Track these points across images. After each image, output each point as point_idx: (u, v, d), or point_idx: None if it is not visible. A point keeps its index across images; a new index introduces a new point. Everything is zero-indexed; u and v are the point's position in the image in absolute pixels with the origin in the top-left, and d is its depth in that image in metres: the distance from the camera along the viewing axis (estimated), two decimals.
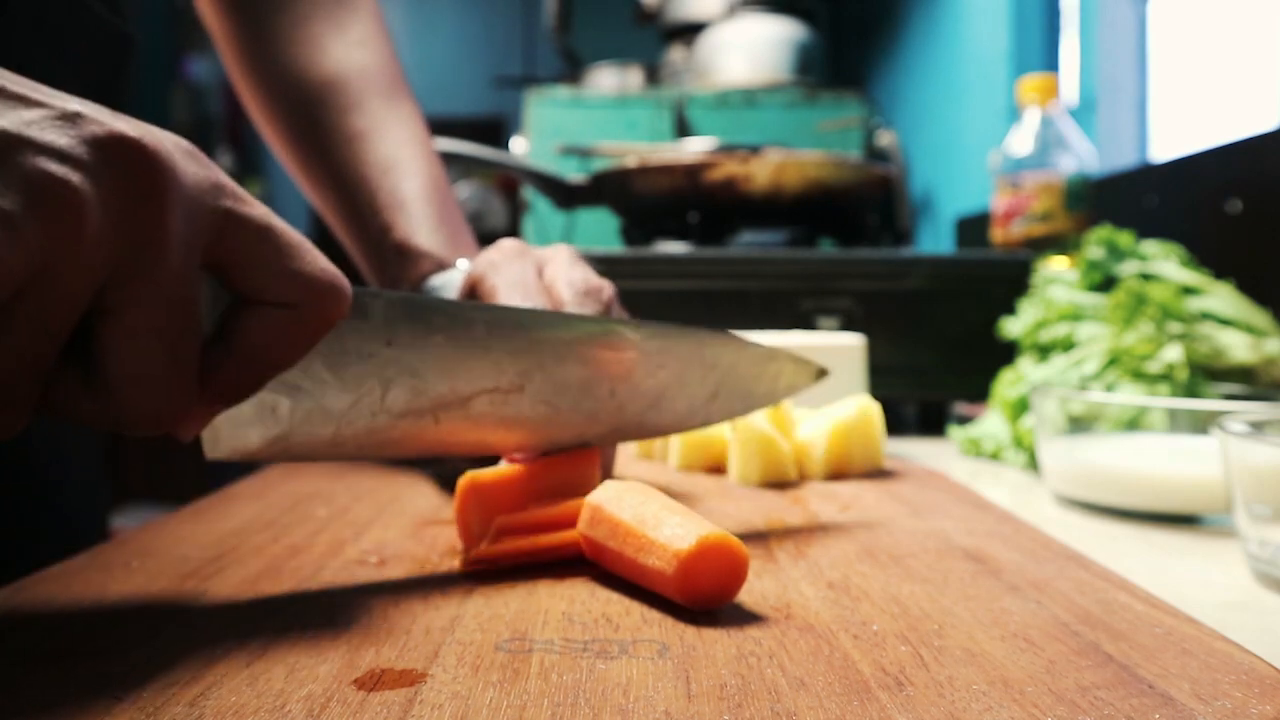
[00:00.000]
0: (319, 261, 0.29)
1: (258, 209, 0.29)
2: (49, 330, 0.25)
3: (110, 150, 0.25)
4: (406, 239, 0.54)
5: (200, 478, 2.01)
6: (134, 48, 0.51)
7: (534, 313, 0.39)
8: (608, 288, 0.44)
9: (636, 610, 0.31)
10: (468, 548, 0.36)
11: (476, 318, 0.37)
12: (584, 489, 0.38)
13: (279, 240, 0.29)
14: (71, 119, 0.25)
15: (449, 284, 0.52)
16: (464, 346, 0.36)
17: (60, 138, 0.24)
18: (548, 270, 0.45)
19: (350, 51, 0.60)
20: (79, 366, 0.26)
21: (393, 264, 0.55)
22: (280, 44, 0.60)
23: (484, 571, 0.36)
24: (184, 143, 0.28)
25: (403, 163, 0.57)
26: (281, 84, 0.60)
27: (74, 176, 0.24)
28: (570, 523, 0.36)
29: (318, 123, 0.58)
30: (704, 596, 0.31)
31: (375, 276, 0.57)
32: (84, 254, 0.24)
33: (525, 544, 0.36)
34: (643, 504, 0.33)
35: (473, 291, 0.45)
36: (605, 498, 0.34)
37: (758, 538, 0.41)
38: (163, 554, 0.38)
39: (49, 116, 0.25)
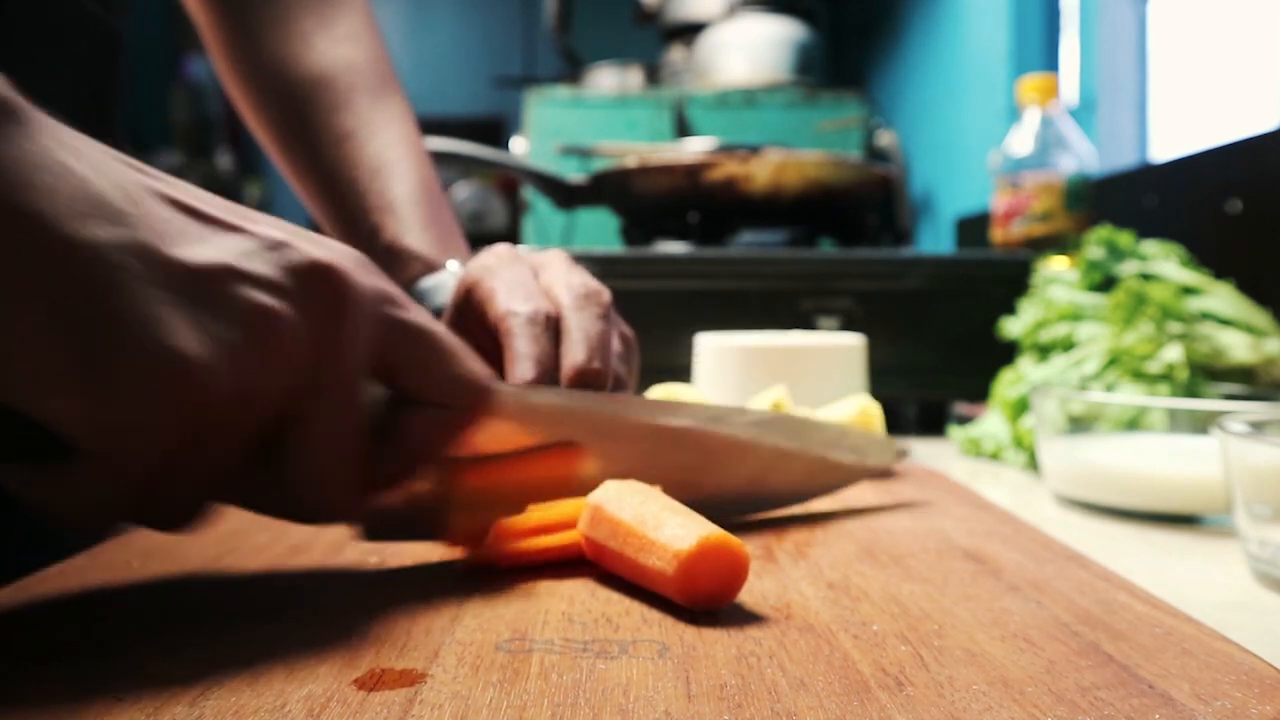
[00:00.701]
0: (473, 364, 0.33)
1: (420, 315, 0.31)
2: (243, 440, 0.27)
3: (309, 277, 0.28)
4: (395, 241, 0.54)
5: None
6: (124, 44, 0.51)
7: (639, 401, 0.40)
8: (605, 292, 0.44)
9: (636, 610, 0.31)
10: (466, 549, 0.36)
11: (603, 408, 0.39)
12: (569, 483, 0.38)
13: (438, 346, 0.32)
14: (275, 246, 0.27)
15: (440, 286, 0.52)
16: (583, 438, 0.38)
17: (270, 269, 0.27)
18: (544, 274, 0.45)
19: (337, 47, 0.59)
20: (261, 461, 0.29)
21: (381, 264, 0.54)
22: (266, 40, 0.59)
23: (484, 571, 0.36)
24: (359, 255, 0.30)
25: (392, 163, 0.56)
26: (269, 81, 0.59)
27: (283, 306, 0.27)
28: (570, 524, 0.36)
29: (306, 121, 0.58)
30: (704, 597, 0.31)
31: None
32: (285, 375, 0.27)
33: (526, 546, 0.35)
34: (643, 504, 0.33)
35: (468, 296, 0.45)
36: (606, 498, 0.34)
37: (758, 538, 0.41)
38: (163, 554, 0.38)
39: (255, 243, 0.27)
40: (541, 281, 0.45)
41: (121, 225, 0.25)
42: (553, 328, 0.41)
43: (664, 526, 0.31)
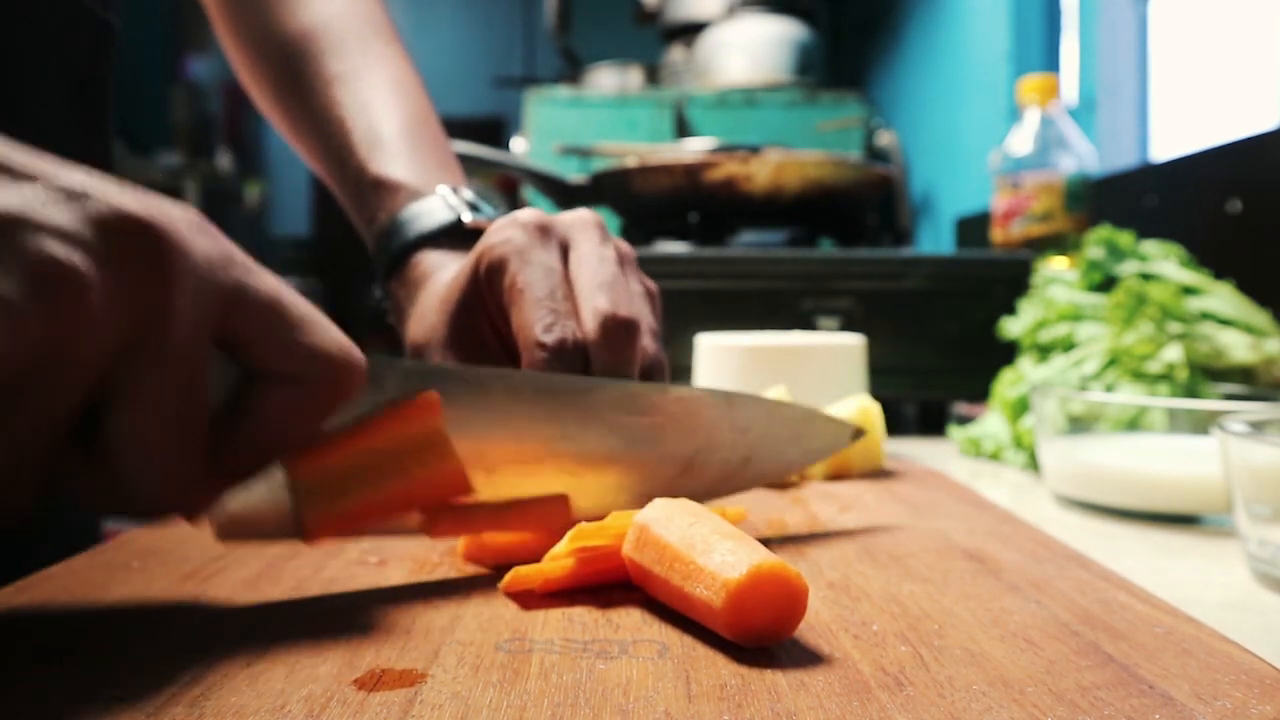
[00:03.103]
0: (331, 335, 0.29)
1: (267, 282, 0.28)
2: (52, 416, 0.24)
3: (115, 229, 0.24)
4: (382, 172, 0.53)
5: None
6: (116, 37, 0.51)
7: (555, 378, 0.37)
8: (637, 319, 0.40)
9: (636, 610, 0.31)
10: (326, 542, 0.33)
11: (495, 385, 0.35)
12: (432, 444, 0.33)
13: (290, 314, 0.28)
14: (75, 196, 0.24)
15: (426, 211, 0.50)
16: (483, 413, 0.35)
17: (63, 217, 0.23)
18: (573, 264, 0.42)
19: (330, 2, 0.59)
20: (82, 447, 0.25)
21: (370, 199, 0.53)
22: (263, 2, 0.60)
23: (484, 572, 0.36)
24: (194, 215, 0.27)
25: (380, 101, 0.56)
26: (265, 40, 0.60)
27: (77, 258, 0.23)
28: (616, 545, 0.33)
29: (298, 72, 0.58)
30: (756, 633, 0.27)
31: (357, 217, 0.56)
32: (88, 339, 0.23)
33: (567, 571, 0.33)
34: (692, 525, 0.30)
35: (489, 276, 0.41)
36: (654, 517, 0.31)
37: (758, 539, 0.41)
38: (163, 554, 0.38)
39: (51, 193, 0.24)
40: (570, 273, 0.41)
41: None
42: (580, 358, 0.39)
43: (713, 551, 0.28)
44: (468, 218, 0.50)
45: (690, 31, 2.31)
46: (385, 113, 0.55)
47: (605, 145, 1.49)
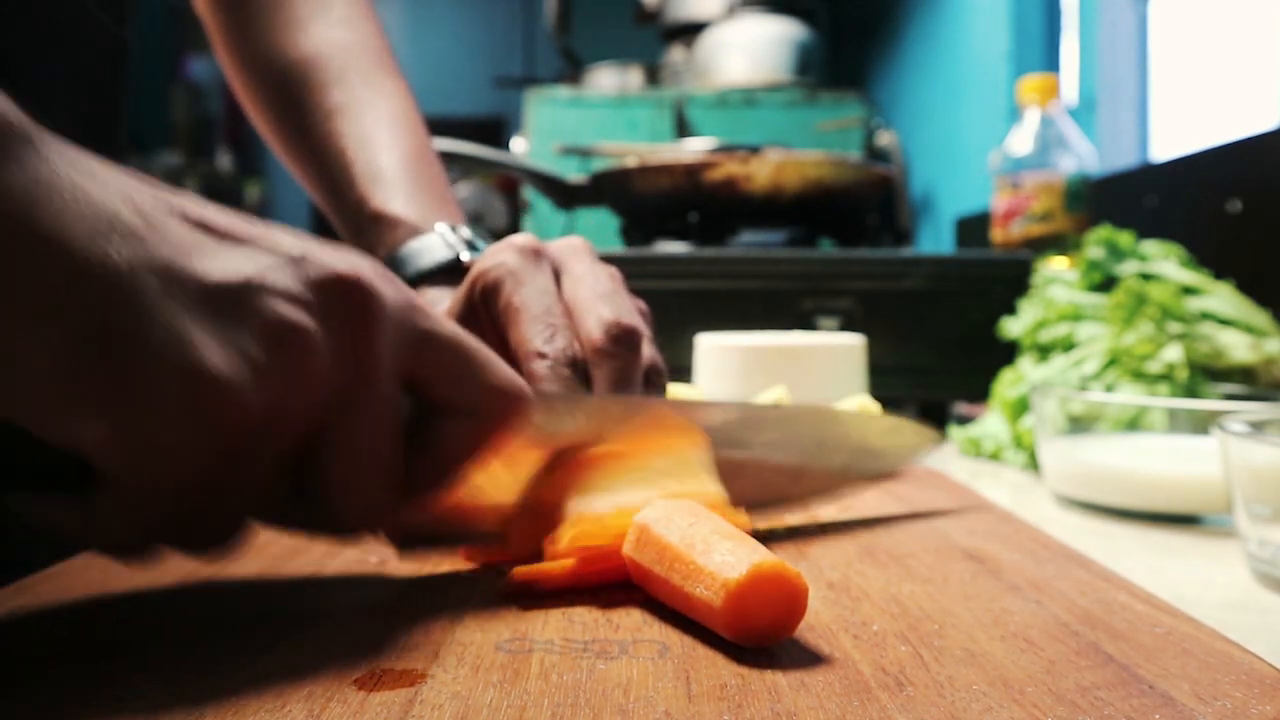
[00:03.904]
0: (504, 372, 0.32)
1: (448, 326, 0.31)
2: (276, 459, 0.27)
3: (333, 290, 0.27)
4: (382, 207, 0.53)
5: None
6: (128, 52, 0.51)
7: (677, 402, 0.40)
8: (640, 328, 0.42)
9: (636, 610, 0.31)
10: (491, 560, 0.36)
11: (625, 410, 0.38)
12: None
13: (469, 355, 0.31)
14: (295, 260, 0.27)
15: (425, 249, 0.51)
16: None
17: (293, 283, 0.26)
18: (568, 284, 0.43)
19: (331, 30, 0.60)
20: (290, 478, 0.28)
21: (369, 233, 0.54)
22: (264, 26, 0.60)
23: (484, 571, 0.36)
24: (380, 267, 0.29)
25: (380, 135, 0.56)
26: (266, 66, 0.60)
27: (308, 320, 0.26)
28: (616, 545, 0.33)
29: (299, 101, 0.58)
30: (756, 634, 0.28)
31: (354, 246, 0.56)
32: (314, 389, 0.27)
33: (569, 570, 0.33)
34: (693, 525, 0.30)
35: (484, 298, 0.42)
36: (654, 517, 0.31)
37: (758, 538, 0.41)
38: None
39: (280, 261, 0.27)
40: (565, 295, 0.42)
41: (139, 243, 0.24)
42: (580, 371, 0.40)
43: (713, 551, 0.28)
44: (466, 256, 0.51)
45: (690, 31, 2.31)
46: (386, 147, 0.56)
47: (605, 145, 1.49)
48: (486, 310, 0.43)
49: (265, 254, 0.27)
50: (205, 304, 0.25)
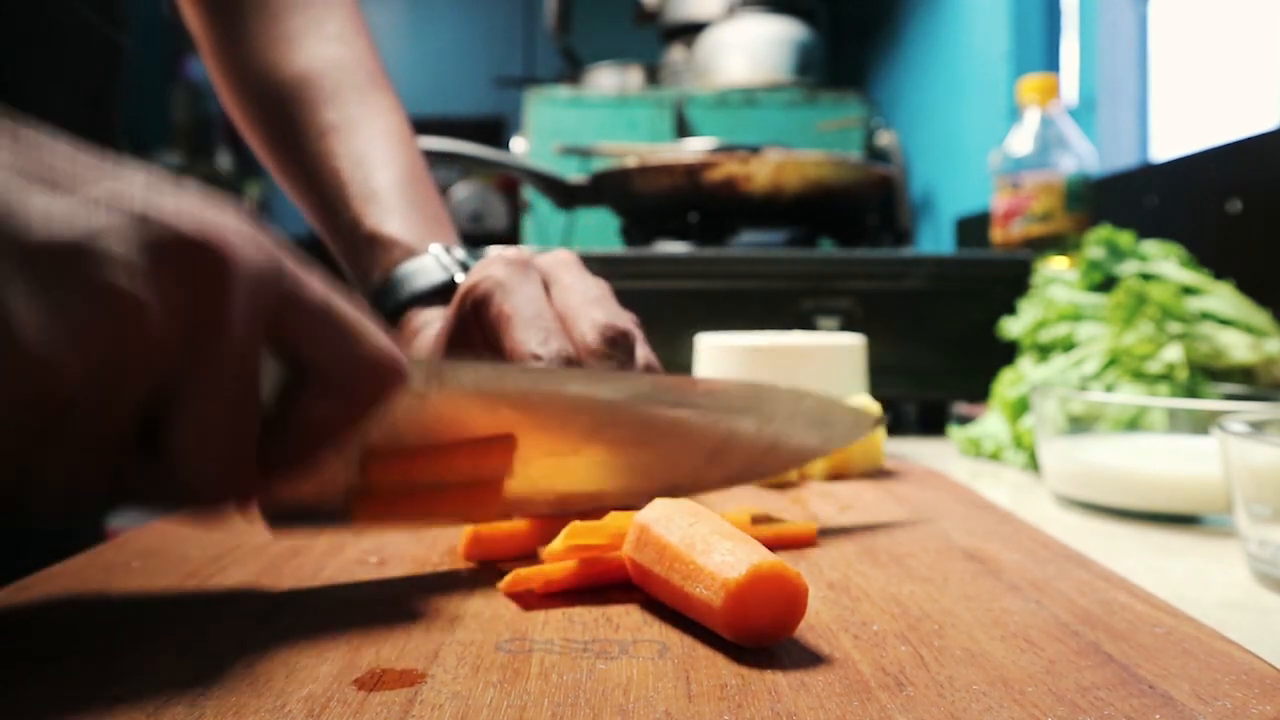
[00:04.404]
0: (377, 341, 0.30)
1: (316, 290, 0.29)
2: (111, 425, 0.25)
3: (175, 255, 0.25)
4: (377, 228, 0.53)
5: None
6: (125, 56, 0.51)
7: (576, 373, 0.38)
8: (630, 330, 0.42)
9: (636, 610, 0.31)
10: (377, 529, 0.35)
11: (536, 380, 0.36)
12: (497, 477, 0.35)
13: (337, 321, 0.29)
14: (137, 222, 0.24)
15: (421, 270, 0.51)
16: (520, 408, 0.36)
17: (128, 248, 0.24)
18: (558, 293, 0.43)
19: (325, 46, 0.60)
20: (145, 452, 0.27)
21: (364, 254, 0.54)
22: (256, 42, 0.60)
23: (484, 571, 0.36)
24: (245, 224, 0.27)
25: (375, 155, 0.56)
26: (258, 82, 0.59)
27: (141, 290, 0.24)
28: (615, 544, 0.33)
29: (293, 119, 0.58)
30: (756, 633, 0.27)
31: (348, 265, 0.56)
32: (143, 357, 0.25)
33: (567, 571, 0.33)
34: (692, 526, 0.30)
35: (475, 310, 0.42)
36: (654, 517, 0.31)
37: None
38: (163, 554, 0.38)
39: (116, 221, 0.24)
40: (556, 304, 0.42)
41: None
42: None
43: (713, 551, 0.28)
44: (460, 278, 0.51)
45: (690, 31, 2.31)
46: (380, 166, 0.56)
47: (605, 145, 1.49)
48: (478, 323, 0.42)
49: (101, 209, 0.24)
50: (25, 265, 0.23)
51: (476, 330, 0.43)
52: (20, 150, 0.24)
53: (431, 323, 0.50)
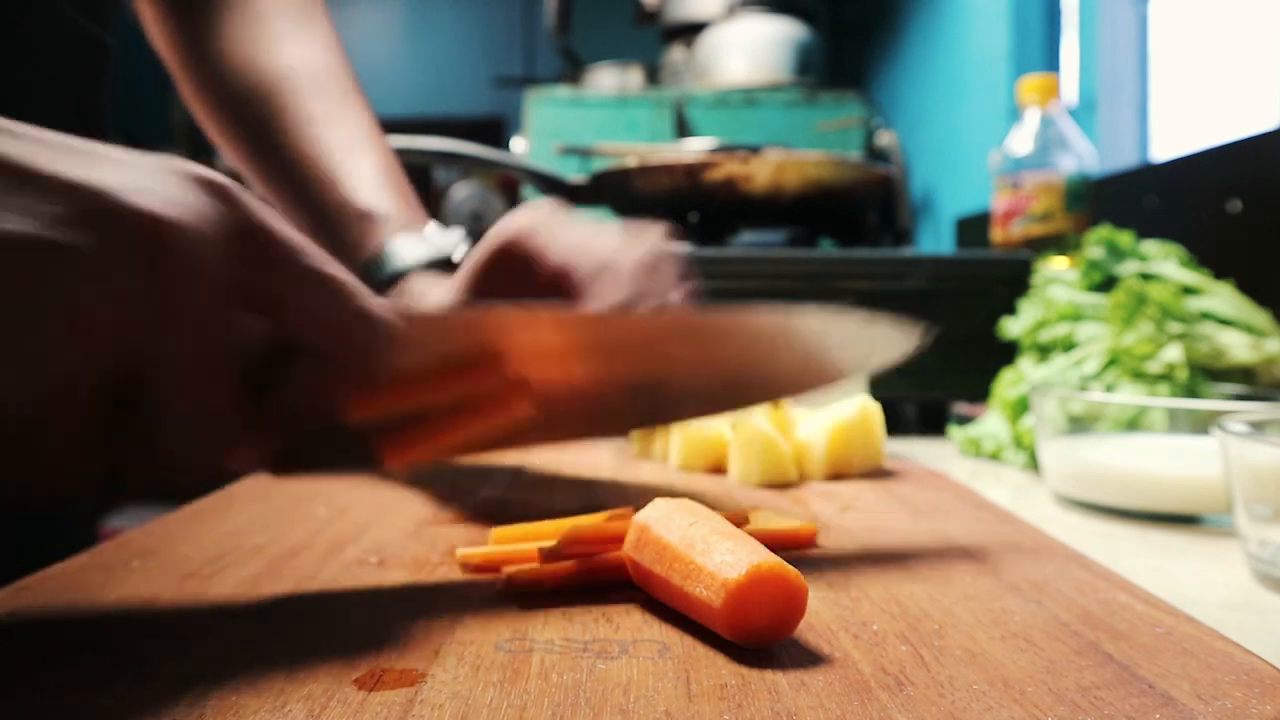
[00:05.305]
0: (362, 300, 0.29)
1: (297, 253, 0.28)
2: (86, 406, 0.25)
3: (131, 244, 0.24)
4: (370, 204, 0.55)
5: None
6: (111, 55, 0.52)
7: (607, 313, 0.38)
8: (671, 258, 0.43)
9: (636, 610, 0.31)
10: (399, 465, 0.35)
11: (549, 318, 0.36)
12: (508, 399, 0.35)
13: (321, 283, 0.28)
14: (90, 213, 0.24)
15: (417, 242, 0.53)
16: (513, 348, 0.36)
17: (82, 239, 0.24)
18: (592, 233, 0.44)
19: (309, 48, 0.61)
20: (127, 430, 0.27)
21: (354, 229, 0.55)
22: (236, 38, 0.61)
23: (484, 571, 0.36)
24: (206, 198, 0.26)
25: (363, 142, 0.58)
26: (237, 74, 0.60)
27: (94, 283, 0.24)
28: (616, 544, 0.33)
29: (275, 106, 0.59)
30: (756, 634, 0.27)
31: (330, 243, 0.56)
32: (115, 342, 0.24)
33: (569, 569, 0.33)
34: (692, 526, 0.30)
35: (508, 251, 0.43)
36: (654, 517, 0.31)
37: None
38: (163, 554, 0.38)
39: (70, 212, 0.24)
40: (594, 240, 0.44)
41: None
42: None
43: (713, 551, 0.28)
44: (459, 254, 0.53)
45: (690, 31, 2.31)
46: (368, 151, 0.57)
47: (605, 145, 1.49)
48: (511, 265, 0.44)
49: (54, 200, 0.23)
50: None
51: (509, 273, 0.44)
52: None
53: (435, 286, 0.51)
